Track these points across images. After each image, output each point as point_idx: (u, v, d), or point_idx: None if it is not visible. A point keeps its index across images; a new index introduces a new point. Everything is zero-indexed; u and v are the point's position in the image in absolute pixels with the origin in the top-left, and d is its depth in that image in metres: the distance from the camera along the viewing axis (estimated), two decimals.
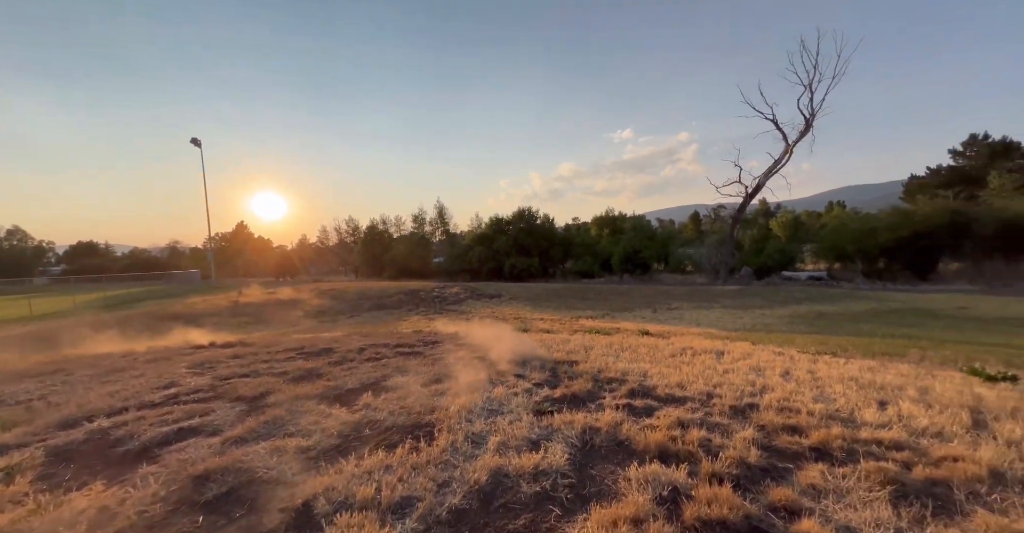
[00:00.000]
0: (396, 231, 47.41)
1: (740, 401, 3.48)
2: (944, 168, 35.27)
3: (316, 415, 3.15)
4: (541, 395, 3.60)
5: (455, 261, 37.19)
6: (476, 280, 31.88)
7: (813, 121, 27.97)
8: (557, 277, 35.74)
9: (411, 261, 39.81)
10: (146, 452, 2.61)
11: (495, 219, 38.03)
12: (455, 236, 45.68)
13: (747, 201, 31.34)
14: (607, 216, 43.40)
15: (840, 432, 2.78)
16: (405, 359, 5.11)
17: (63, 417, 3.32)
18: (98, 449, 2.71)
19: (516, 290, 21.91)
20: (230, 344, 6.85)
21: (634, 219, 42.30)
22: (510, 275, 33.52)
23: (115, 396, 3.87)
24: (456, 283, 25.91)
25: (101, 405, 3.58)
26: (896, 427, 2.88)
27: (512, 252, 34.78)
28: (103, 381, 4.55)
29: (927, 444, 2.63)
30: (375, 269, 43.01)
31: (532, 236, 35.94)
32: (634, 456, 2.49)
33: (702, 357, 5.44)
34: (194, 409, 3.36)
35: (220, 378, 4.35)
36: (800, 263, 34.36)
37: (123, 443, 2.77)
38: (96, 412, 3.39)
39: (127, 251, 67.09)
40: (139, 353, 6.42)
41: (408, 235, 45.51)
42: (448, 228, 47.54)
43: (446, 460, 2.40)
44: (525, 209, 38.21)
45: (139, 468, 2.38)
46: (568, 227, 48.58)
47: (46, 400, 3.95)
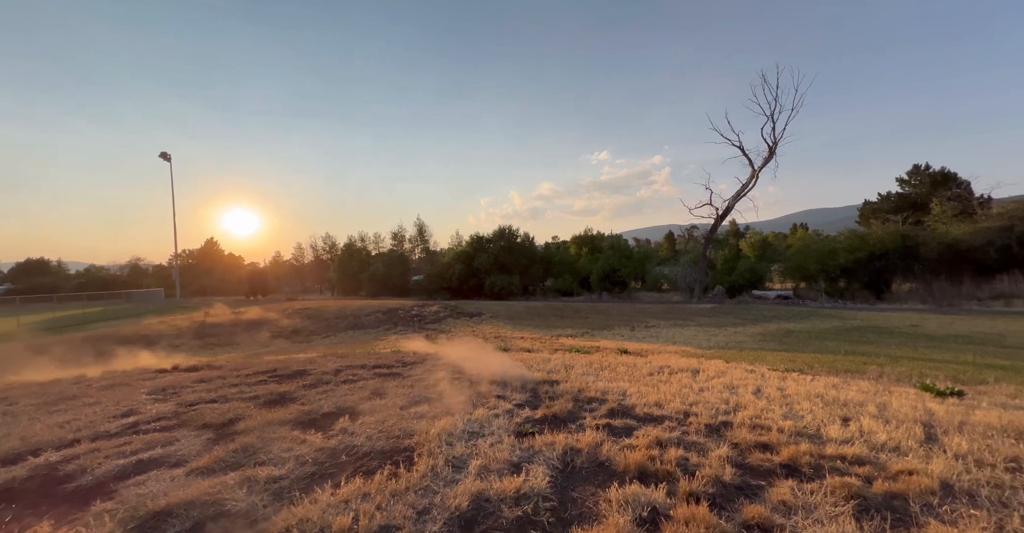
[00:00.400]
0: (375, 248, 46.79)
1: (715, 419, 3.58)
2: (893, 195, 38.11)
3: (289, 442, 3.03)
4: (522, 416, 3.59)
5: (435, 279, 36.84)
6: (456, 298, 31.61)
7: (776, 148, 29.97)
8: (537, 295, 35.88)
9: (390, 279, 39.18)
10: (101, 488, 2.44)
11: (476, 237, 38.17)
12: (435, 254, 45.43)
13: (718, 222, 32.81)
14: (586, 235, 44.30)
15: (808, 448, 2.89)
16: (383, 381, 5.00)
17: (3, 452, 3.06)
18: (45, 486, 2.51)
19: (496, 308, 21.84)
20: (195, 367, 6.50)
21: (612, 238, 43.33)
22: (490, 293, 33.42)
23: (65, 427, 3.60)
24: (436, 301, 25.60)
25: (49, 437, 3.33)
26: (858, 443, 3.03)
27: (493, 270, 34.81)
28: (51, 411, 4.23)
29: (886, 459, 2.78)
30: (352, 287, 42.03)
31: (512, 254, 36.17)
32: (614, 477, 2.52)
33: (679, 376, 5.56)
34: (155, 439, 3.17)
35: (185, 404, 4.12)
36: (769, 282, 35.84)
37: (74, 478, 2.58)
38: (43, 445, 3.15)
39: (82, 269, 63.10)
40: (93, 379, 6.00)
41: (387, 252, 44.93)
42: (428, 245, 47.32)
43: (426, 486, 2.35)
44: (506, 227, 38.59)
45: (92, 505, 2.22)
46: (548, 245, 49.22)
47: None
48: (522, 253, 36.95)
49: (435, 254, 45.05)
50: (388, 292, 37.82)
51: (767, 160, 30.28)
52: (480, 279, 34.70)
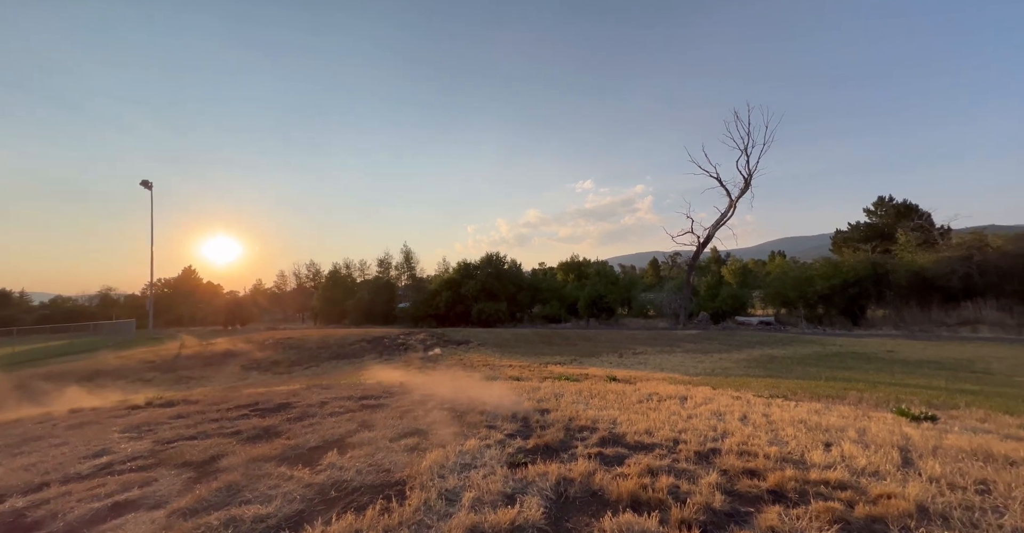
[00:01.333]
0: (360, 276, 46.28)
1: (704, 446, 3.63)
2: (862, 225, 40.27)
3: (276, 478, 2.95)
4: (514, 446, 3.58)
5: (421, 306, 36.42)
6: (443, 325, 31.19)
7: (751, 180, 31.65)
8: (525, 322, 35.71)
9: (375, 306, 38.52)
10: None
11: (463, 264, 38.25)
12: (422, 281, 45.15)
13: (700, 250, 33.87)
14: (572, 261, 44.92)
15: (793, 474, 2.97)
16: (371, 412, 4.90)
17: None
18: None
19: (484, 336, 21.62)
20: (171, 402, 6.23)
21: (598, 265, 44.02)
22: (478, 320, 33.13)
23: (31, 470, 3.41)
24: (423, 329, 25.19)
25: (14, 481, 3.15)
26: (840, 467, 3.12)
27: (480, 297, 34.69)
28: (15, 453, 3.99)
29: (866, 483, 2.87)
30: (336, 315, 41.09)
31: (500, 281, 36.25)
32: (608, 506, 2.53)
33: (667, 403, 5.61)
34: (132, 479, 3.03)
35: (162, 442, 3.96)
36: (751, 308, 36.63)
37: (44, 525, 2.45)
38: (7, 490, 2.98)
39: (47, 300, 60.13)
40: (59, 417, 5.68)
41: (372, 279, 44.44)
42: (415, 272, 47.05)
43: (420, 520, 2.33)
44: (493, 254, 38.88)
45: None
46: (535, 272, 49.58)
47: None
48: (509, 280, 37.07)
49: (422, 281, 44.80)
50: (373, 320, 37.08)
51: (743, 191, 31.88)
52: (467, 306, 34.48)
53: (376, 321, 36.85)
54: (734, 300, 32.61)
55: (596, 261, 45.81)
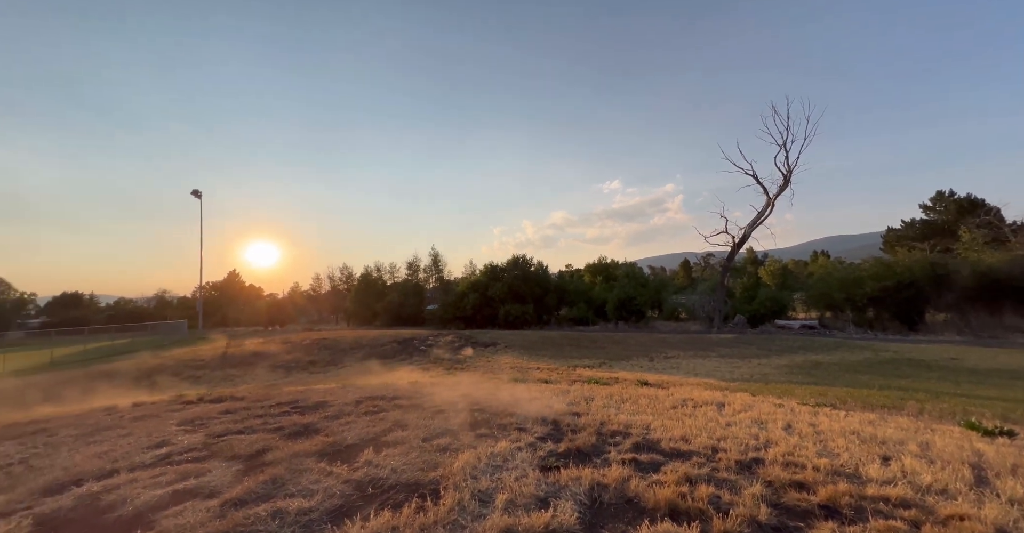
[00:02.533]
0: (390, 278, 47.56)
1: (745, 455, 3.47)
2: (918, 222, 37.26)
3: (316, 473, 3.07)
4: (545, 449, 3.55)
5: (449, 308, 36.94)
6: (470, 327, 31.50)
7: (791, 177, 30.07)
8: (552, 324, 35.48)
9: (405, 308, 39.46)
10: (141, 518, 2.51)
11: (489, 266, 38.50)
12: (449, 283, 45.84)
13: (735, 250, 32.49)
14: (600, 263, 44.22)
15: (847, 488, 2.78)
16: (403, 412, 5.01)
17: (48, 482, 3.19)
18: (89, 516, 2.60)
19: (511, 338, 21.65)
20: (220, 399, 6.63)
21: (626, 266, 43.11)
22: (505, 322, 33.22)
23: (103, 457, 3.72)
24: (450, 331, 25.54)
25: (89, 467, 3.45)
26: (901, 484, 2.89)
27: (507, 299, 34.79)
28: (89, 441, 4.37)
29: (933, 502, 2.64)
30: (368, 316, 42.41)
31: (527, 283, 36.21)
32: (644, 514, 2.47)
33: (703, 409, 5.41)
34: (189, 469, 3.25)
35: (213, 435, 4.22)
36: (792, 311, 34.71)
37: (115, 508, 2.66)
38: (84, 475, 3.26)
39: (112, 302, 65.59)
40: (124, 409, 6.17)
41: (402, 282, 45.57)
42: (442, 275, 47.85)
43: (454, 520, 2.35)
44: (519, 256, 38.92)
45: None
46: (562, 274, 49.17)
47: (27, 464, 3.77)
48: (536, 282, 36.96)
49: (449, 283, 45.49)
50: (403, 322, 37.99)
51: (782, 188, 30.33)
52: (494, 308, 34.66)
53: (406, 322, 37.73)
54: (773, 303, 31.01)
55: (624, 263, 44.88)
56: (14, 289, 58.36)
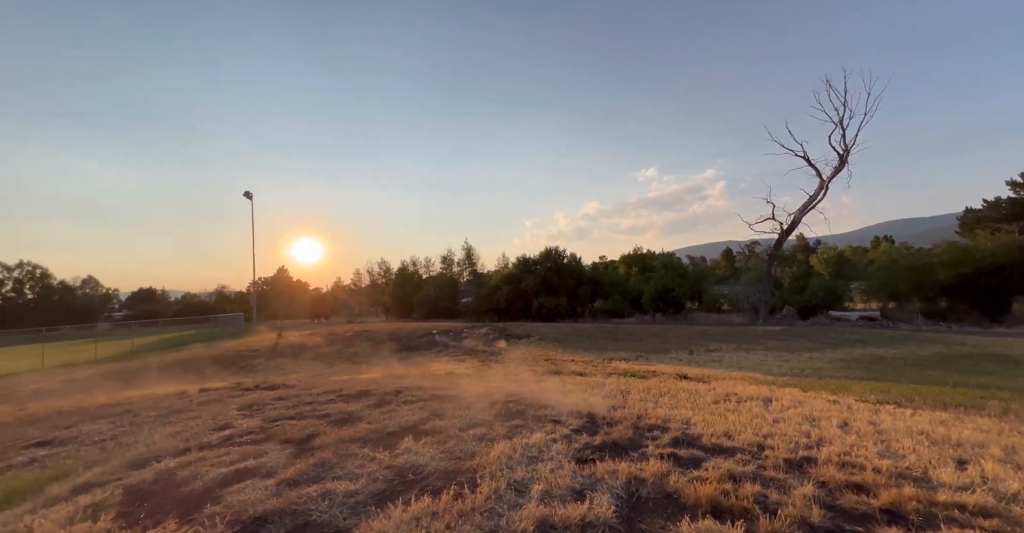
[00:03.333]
0: (425, 272, 48.88)
1: (795, 454, 3.28)
2: (1004, 201, 33.04)
3: (361, 459, 3.23)
4: (580, 442, 3.54)
5: (483, 301, 37.46)
6: (504, 320, 31.80)
7: (847, 157, 27.64)
8: (586, 316, 35.09)
9: (440, 301, 40.47)
10: (209, 492, 2.77)
11: (522, 259, 38.58)
12: (482, 276, 46.47)
13: (783, 238, 30.47)
14: (635, 254, 43.07)
15: (914, 493, 2.56)
16: (440, 402, 5.16)
17: (134, 457, 3.58)
18: (167, 489, 2.89)
19: (545, 330, 21.64)
20: (274, 386, 7.14)
21: (664, 257, 41.71)
22: (538, 314, 33.25)
23: (177, 437, 4.12)
24: (484, 323, 25.92)
25: (166, 446, 3.83)
26: (980, 490, 2.62)
27: (540, 291, 34.76)
28: (165, 422, 4.86)
29: (1021, 512, 2.38)
30: (405, 309, 43.91)
31: (560, 275, 35.98)
32: (685, 510, 2.40)
33: (748, 404, 5.16)
34: (248, 451, 3.53)
35: (269, 420, 4.55)
36: (849, 302, 32.21)
37: (188, 483, 2.95)
38: (162, 453, 3.63)
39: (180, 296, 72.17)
40: (193, 394, 6.80)
41: (437, 276, 46.71)
42: (476, 268, 48.57)
43: (491, 508, 2.40)
44: (552, 248, 38.71)
45: (205, 508, 2.52)
46: (596, 266, 48.38)
47: (117, 440, 4.26)
48: (569, 274, 36.64)
49: (483, 276, 46.09)
50: (439, 314, 39.00)
51: (837, 170, 27.95)
52: (527, 301, 34.75)
53: (441, 315, 38.70)
54: (827, 293, 28.90)
55: (662, 253, 43.44)
56: (101, 285, 65.74)
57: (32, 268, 56.02)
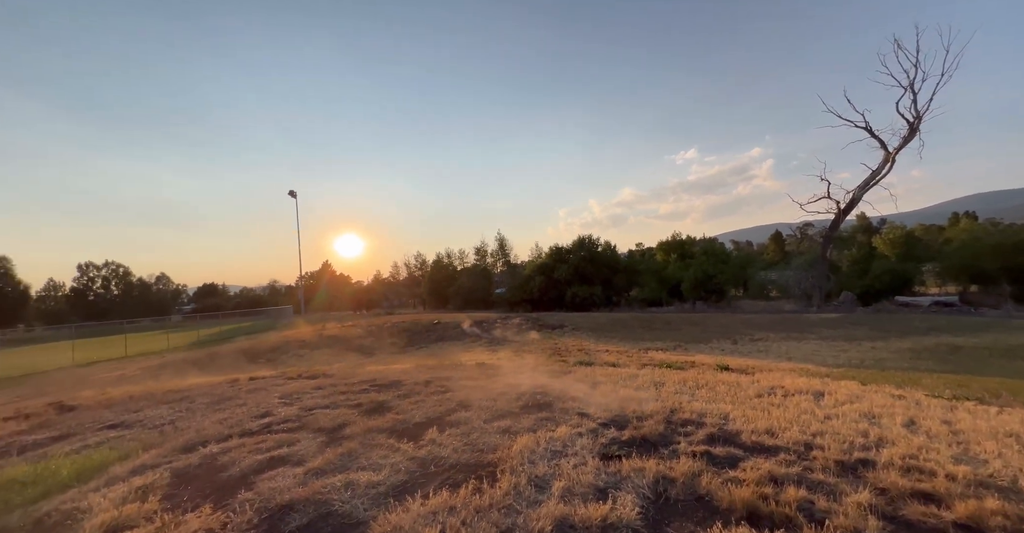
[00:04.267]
0: (460, 264, 49.65)
1: (849, 455, 2.96)
2: None
3: (386, 449, 3.28)
4: (607, 436, 3.39)
5: (516, 291, 37.56)
6: (537, 310, 31.73)
7: (919, 125, 24.71)
8: (622, 306, 34.28)
9: (474, 292, 41.05)
10: (244, 479, 2.91)
11: (555, 248, 38.17)
12: (516, 266, 46.51)
13: (840, 217, 27.96)
14: (674, 240, 41.28)
15: (998, 506, 2.21)
16: (468, 392, 5.17)
17: (185, 442, 3.86)
18: (208, 473, 3.08)
19: (578, 320, 21.34)
20: (315, 375, 7.51)
21: (705, 242, 39.69)
22: (572, 304, 32.89)
23: (223, 423, 4.41)
24: (518, 314, 25.98)
25: (213, 432, 4.10)
26: None
27: (573, 281, 34.30)
28: (215, 409, 5.23)
29: None
30: (441, 301, 44.98)
31: (594, 264, 35.29)
32: (717, 515, 2.22)
33: (796, 398, 4.76)
34: (283, 439, 3.70)
35: (305, 409, 4.76)
36: (920, 286, 29.18)
37: (227, 469, 3.12)
38: (209, 438, 3.89)
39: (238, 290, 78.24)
40: (243, 382, 7.29)
41: (471, 267, 47.33)
42: (509, 259, 48.72)
43: (509, 504, 2.33)
44: (585, 237, 37.94)
45: (238, 494, 2.65)
46: (632, 253, 46.96)
47: (174, 425, 4.62)
48: (604, 262, 35.83)
49: (516, 267, 46.12)
50: (473, 305, 39.60)
51: (907, 140, 25.08)
52: (561, 290, 34.41)
53: (476, 306, 39.27)
54: (893, 276, 26.34)
55: (703, 238, 41.35)
56: (172, 282, 72.61)
57: (116, 267, 62.79)
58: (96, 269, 61.71)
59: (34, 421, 5.49)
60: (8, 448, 4.23)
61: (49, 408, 6.20)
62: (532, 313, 27.04)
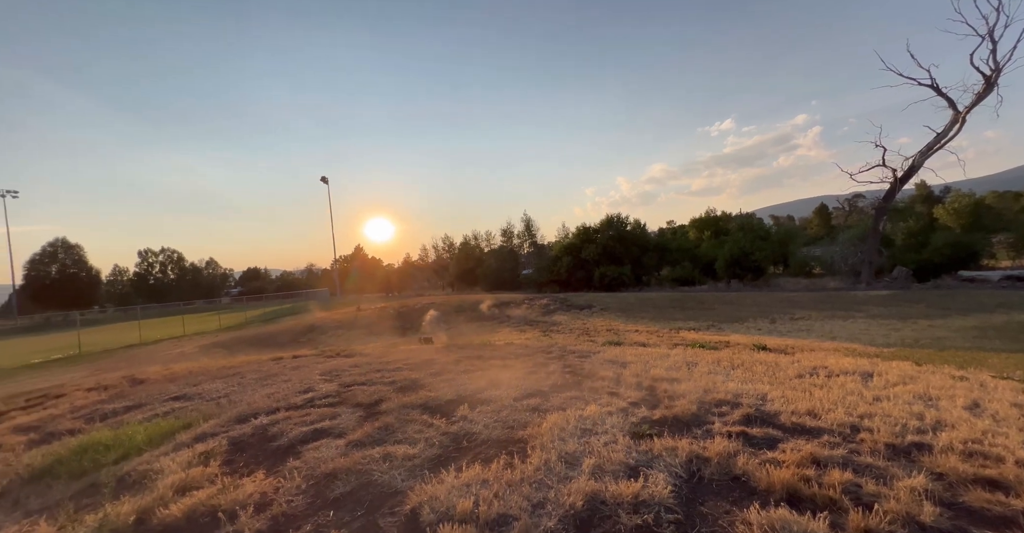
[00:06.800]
0: (487, 245, 49.89)
1: (901, 438, 2.79)
2: None
3: (420, 424, 3.41)
4: (638, 416, 3.36)
5: (543, 272, 37.49)
6: (565, 291, 31.61)
7: (997, 78, 21.84)
8: (652, 285, 33.51)
9: (501, 273, 41.32)
10: (292, 448, 3.12)
11: (582, 228, 37.53)
12: (543, 247, 46.22)
13: (897, 186, 25.64)
14: (707, 217, 39.50)
15: None
16: (498, 371, 5.26)
17: (239, 413, 4.17)
18: (260, 442, 3.33)
19: (607, 300, 21.11)
20: (351, 354, 7.88)
21: (741, 218, 37.72)
22: (600, 284, 32.50)
23: (271, 398, 4.72)
24: (545, 294, 26.00)
25: (262, 405, 4.41)
26: None
27: (602, 261, 33.77)
28: (263, 384, 5.61)
29: None
30: (469, 282, 45.64)
31: (623, 243, 34.50)
32: (754, 495, 2.16)
33: (841, 379, 4.52)
34: (325, 413, 3.92)
35: (344, 385, 5.01)
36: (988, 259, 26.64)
37: (276, 439, 3.35)
38: (259, 411, 4.18)
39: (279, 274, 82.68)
40: (286, 360, 7.76)
41: (498, 249, 47.47)
42: (535, 240, 48.45)
43: (540, 480, 2.37)
44: (614, 216, 37.01)
45: (287, 462, 2.85)
46: (663, 231, 45.43)
47: (228, 398, 5.00)
48: (633, 241, 34.96)
49: (543, 248, 45.83)
50: (501, 286, 39.96)
51: (981, 96, 22.29)
52: (589, 271, 34.02)
53: (503, 287, 39.60)
54: (955, 249, 24.16)
55: (739, 214, 39.30)
56: (220, 266, 77.63)
57: (171, 252, 67.79)
58: (154, 255, 66.75)
59: (111, 392, 6.11)
60: (92, 415, 4.75)
61: (123, 381, 6.87)
62: (560, 294, 26.96)
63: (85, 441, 3.64)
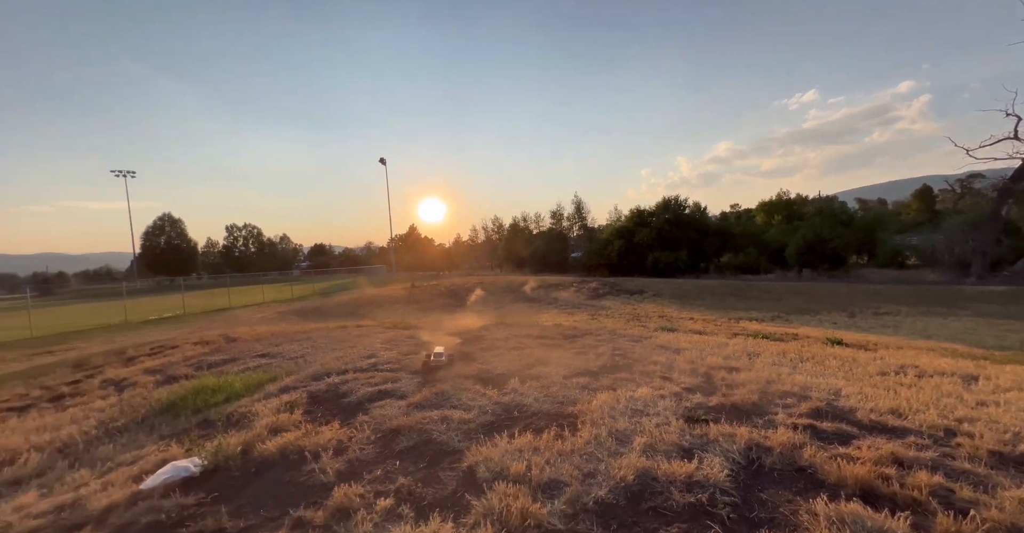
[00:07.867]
0: (536, 227, 49.68)
1: (1011, 447, 2.46)
2: None
3: (473, 393, 3.59)
4: (692, 401, 3.27)
5: (593, 255, 36.75)
6: (615, 274, 30.82)
7: None
8: (711, 272, 31.61)
9: (550, 255, 41.14)
10: (360, 405, 3.45)
11: (636, 211, 36.00)
12: (593, 230, 45.10)
13: None
14: (779, 200, 36.02)
15: None
16: (547, 351, 5.34)
17: (314, 372, 4.67)
18: (334, 398, 3.71)
19: (660, 286, 20.29)
20: (407, 327, 8.39)
21: (820, 201, 34.01)
22: (653, 270, 31.23)
23: (340, 360, 5.21)
24: (594, 278, 25.55)
25: (333, 366, 4.89)
26: None
27: (655, 245, 32.30)
28: (332, 348, 6.19)
29: None
30: (517, 264, 46.04)
31: (679, 227, 32.64)
32: (822, 488, 2.04)
33: (936, 380, 4.03)
34: (387, 376, 4.26)
35: (402, 353, 5.39)
36: None
37: (347, 396, 3.72)
38: (331, 370, 4.65)
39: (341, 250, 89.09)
40: (351, 329, 8.46)
41: (547, 231, 47.12)
42: (586, 222, 47.36)
43: (590, 452, 2.42)
44: (671, 198, 35.01)
45: (358, 416, 3.16)
46: (725, 215, 42.31)
47: (304, 358, 5.60)
48: (691, 225, 32.93)
49: (593, 231, 44.72)
50: (549, 268, 39.88)
51: None
52: (641, 255, 32.76)
53: (551, 269, 39.48)
54: None
55: (817, 197, 35.40)
56: (291, 241, 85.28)
57: (252, 228, 75.59)
58: (238, 230, 74.74)
59: (212, 347, 7.09)
60: (200, 364, 5.58)
61: (220, 338, 7.93)
62: (610, 277, 26.34)
63: (198, 385, 4.31)
